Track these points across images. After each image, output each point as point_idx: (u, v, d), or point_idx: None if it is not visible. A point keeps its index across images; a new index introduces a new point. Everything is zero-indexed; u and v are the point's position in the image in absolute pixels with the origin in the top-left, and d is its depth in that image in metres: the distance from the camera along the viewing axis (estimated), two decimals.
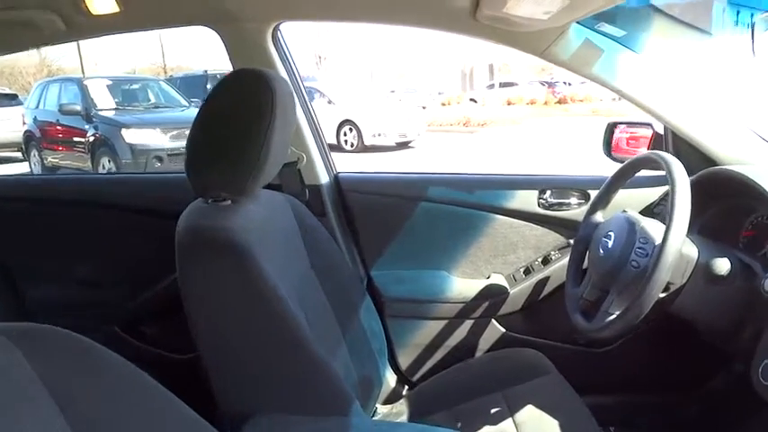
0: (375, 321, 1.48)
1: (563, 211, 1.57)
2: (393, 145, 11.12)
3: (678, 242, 1.00)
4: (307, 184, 1.60)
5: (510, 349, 1.55)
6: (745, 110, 1.40)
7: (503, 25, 1.24)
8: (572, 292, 1.30)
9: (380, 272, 1.65)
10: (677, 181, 1.04)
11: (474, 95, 22.28)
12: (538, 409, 1.24)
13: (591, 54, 1.33)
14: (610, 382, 1.60)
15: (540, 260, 1.61)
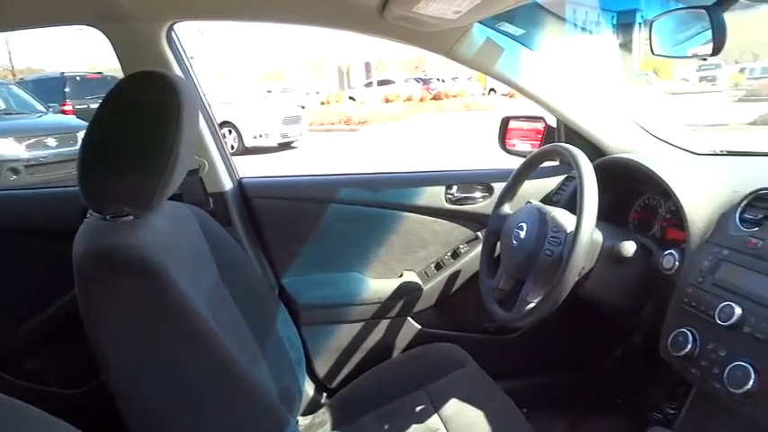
0: (291, 330, 1.43)
1: (469, 205, 1.62)
2: (275, 146, 10.92)
3: (590, 229, 1.06)
4: (210, 192, 1.50)
5: (427, 345, 1.56)
6: (627, 103, 1.52)
7: (410, 25, 1.24)
8: (487, 284, 1.33)
9: (293, 279, 1.59)
10: (584, 171, 1.10)
11: (353, 94, 22.48)
12: (460, 401, 1.26)
13: (493, 52, 1.38)
14: (522, 365, 1.68)
15: (450, 254, 1.65)
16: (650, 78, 25.50)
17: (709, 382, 0.94)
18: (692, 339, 0.99)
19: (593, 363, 1.64)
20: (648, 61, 29.97)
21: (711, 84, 20.83)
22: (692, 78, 22.78)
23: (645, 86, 23.82)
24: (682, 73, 26.45)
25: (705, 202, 1.12)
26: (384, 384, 1.42)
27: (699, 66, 23.90)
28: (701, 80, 21.69)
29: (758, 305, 0.91)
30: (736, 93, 17.27)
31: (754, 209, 1.03)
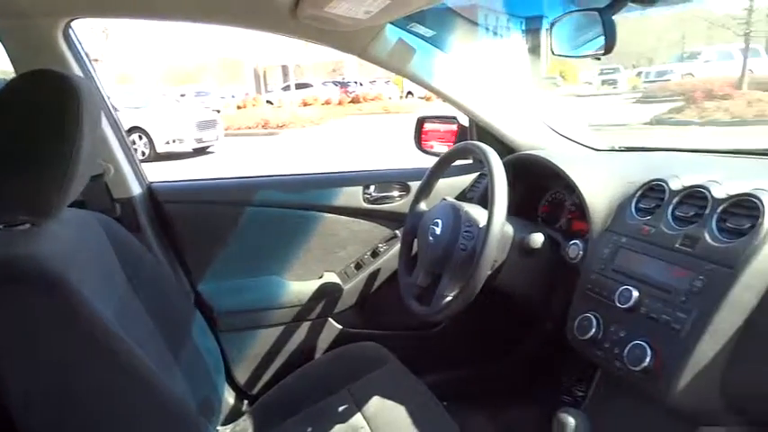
0: (208, 338, 1.38)
1: (387, 204, 1.63)
2: (190, 151, 10.56)
3: (500, 222, 1.10)
4: (116, 197, 1.43)
5: (349, 345, 1.56)
6: (535, 103, 1.59)
7: (323, 24, 1.23)
8: (406, 281, 1.35)
9: (209, 285, 1.55)
10: (494, 167, 1.14)
11: (270, 97, 22.16)
12: (383, 398, 1.27)
13: (405, 53, 1.40)
14: (442, 360, 1.71)
15: (369, 254, 1.66)
16: (557, 81, 26.87)
17: (611, 362, 1.00)
18: (596, 323, 1.05)
19: (511, 353, 1.70)
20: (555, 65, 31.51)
21: (612, 87, 22.18)
22: (595, 81, 24.18)
23: (552, 89, 25.06)
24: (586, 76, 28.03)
25: (605, 195, 1.19)
26: (306, 387, 1.41)
27: (601, 70, 25.39)
28: (603, 83, 23.05)
29: (652, 287, 0.98)
30: (634, 95, 18.47)
31: (647, 199, 1.11)
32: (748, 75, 14.25)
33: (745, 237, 0.88)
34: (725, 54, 17.81)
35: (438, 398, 1.31)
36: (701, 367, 0.88)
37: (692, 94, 13.12)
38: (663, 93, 15.42)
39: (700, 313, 0.89)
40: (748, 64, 14.65)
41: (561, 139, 1.60)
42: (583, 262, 1.16)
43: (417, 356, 1.51)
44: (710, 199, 0.97)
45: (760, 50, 17.63)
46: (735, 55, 16.17)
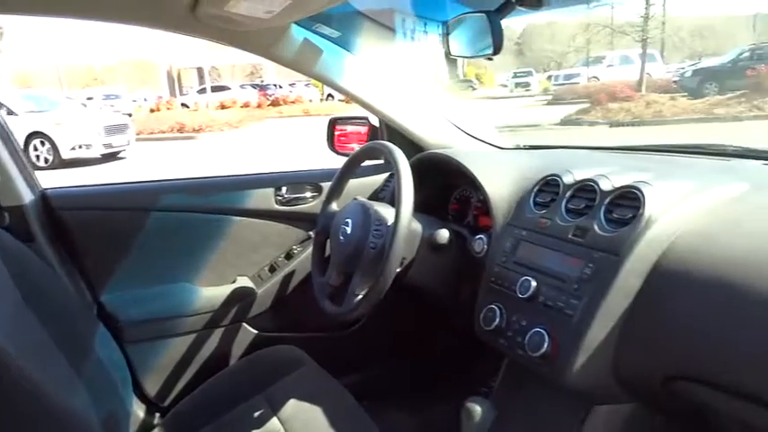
0: (113, 350, 1.32)
1: (300, 206, 1.63)
2: (98, 157, 10.05)
3: (407, 219, 1.12)
4: (5, 206, 1.34)
5: (265, 349, 1.54)
6: (448, 105, 1.63)
7: (224, 24, 1.21)
8: (318, 281, 1.35)
9: (113, 295, 1.48)
10: (400, 166, 1.16)
11: (185, 100, 21.47)
12: (299, 401, 1.27)
13: (311, 53, 1.40)
14: (360, 359, 1.72)
15: (283, 256, 1.64)
16: (474, 84, 27.74)
17: (514, 350, 1.05)
18: (500, 314, 1.09)
19: (426, 349, 1.73)
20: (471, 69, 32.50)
21: (525, 89, 23.20)
22: (509, 84, 25.18)
23: (469, 92, 25.83)
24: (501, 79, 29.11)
25: (506, 190, 1.24)
26: (221, 394, 1.38)
27: (514, 73, 26.51)
28: (517, 86, 24.07)
29: (548, 277, 1.03)
30: (545, 97, 19.38)
31: (544, 193, 1.17)
32: (646, 78, 15.31)
33: (629, 226, 0.95)
34: (626, 59, 19.07)
35: (357, 398, 1.32)
36: (593, 350, 0.94)
37: (597, 97, 13.94)
38: (571, 95, 16.26)
39: (590, 299, 0.94)
40: (646, 68, 15.74)
41: (468, 139, 1.66)
42: (487, 256, 1.21)
43: (334, 357, 1.51)
44: (599, 192, 1.04)
45: (656, 56, 19.01)
46: (634, 59, 17.33)
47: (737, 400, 0.80)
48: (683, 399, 0.89)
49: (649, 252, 0.92)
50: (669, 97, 13.68)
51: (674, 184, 1.00)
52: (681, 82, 15.06)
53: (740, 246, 0.85)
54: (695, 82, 14.27)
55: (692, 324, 0.85)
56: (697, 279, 0.86)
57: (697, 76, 14.58)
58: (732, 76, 13.41)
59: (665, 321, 0.88)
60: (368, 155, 1.35)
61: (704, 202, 0.96)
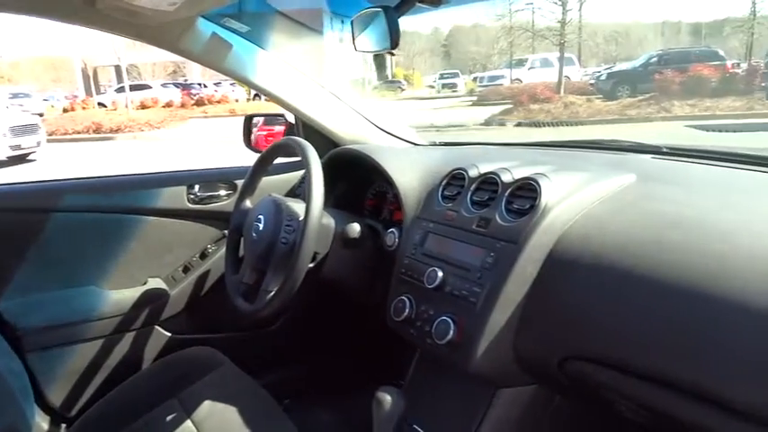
0: (11, 359, 1.25)
1: (214, 204, 1.59)
2: (5, 159, 9.44)
3: (317, 214, 1.12)
4: None
5: (180, 352, 1.50)
6: (354, 97, 1.65)
7: (127, 16, 1.17)
8: (232, 279, 1.33)
9: (12, 302, 1.39)
10: (310, 160, 1.16)
11: (103, 99, 20.51)
12: (214, 402, 1.24)
13: (220, 48, 1.37)
14: (281, 359, 1.71)
15: (198, 256, 1.60)
16: (403, 85, 28.09)
17: (423, 339, 1.07)
18: (409, 304, 1.12)
19: (346, 345, 1.74)
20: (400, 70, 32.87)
21: (452, 90, 23.72)
22: (436, 85, 25.67)
23: (398, 92, 26.12)
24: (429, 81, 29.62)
25: (416, 185, 1.27)
26: (132, 400, 1.33)
27: (441, 74, 27.04)
28: (444, 87, 24.58)
29: (454, 267, 1.07)
30: (471, 98, 19.89)
31: (451, 186, 1.20)
32: (565, 80, 16.02)
33: (527, 216, 0.99)
34: (546, 62, 19.90)
35: (278, 397, 1.31)
36: (495, 335, 0.98)
37: (520, 98, 14.47)
38: (495, 96, 16.77)
39: (491, 286, 0.98)
40: (565, 71, 16.47)
41: (384, 135, 1.68)
42: (398, 249, 1.23)
43: (253, 357, 1.50)
44: (500, 184, 1.08)
45: (574, 59, 19.94)
46: (554, 63, 18.09)
47: (626, 377, 0.86)
48: (578, 378, 0.94)
49: (545, 240, 0.97)
50: (586, 99, 14.41)
51: (569, 175, 1.05)
52: (597, 84, 15.89)
53: (624, 232, 0.91)
54: (609, 85, 15.10)
55: (582, 306, 0.91)
56: (587, 264, 0.91)
57: (611, 79, 15.43)
58: (642, 80, 14.28)
59: (559, 305, 0.93)
60: (279, 151, 1.34)
61: (595, 192, 1.02)
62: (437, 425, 1.12)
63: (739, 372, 0.72)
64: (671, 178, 1.08)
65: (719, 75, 13.50)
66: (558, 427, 1.12)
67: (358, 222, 1.29)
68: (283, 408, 1.55)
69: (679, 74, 13.44)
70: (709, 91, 12.75)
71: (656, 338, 0.81)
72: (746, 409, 0.71)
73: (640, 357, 0.83)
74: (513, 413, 1.06)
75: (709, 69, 13.53)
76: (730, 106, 11.92)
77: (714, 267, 0.78)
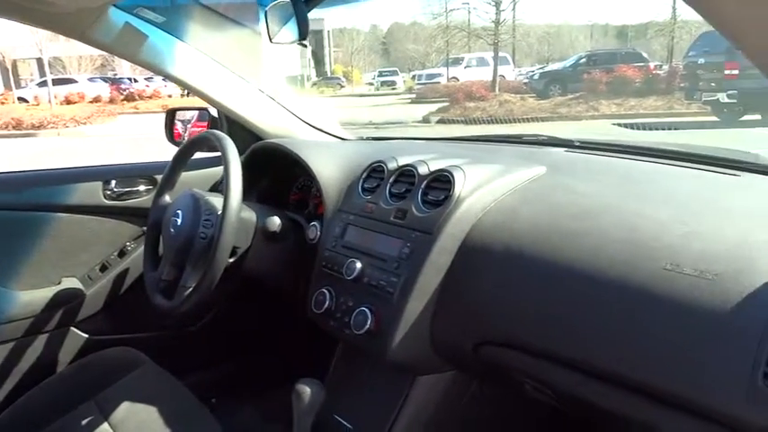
0: None
1: (133, 200, 1.54)
2: None
3: (235, 207, 1.11)
4: None
5: (98, 353, 1.45)
6: (283, 92, 1.63)
7: (32, 3, 1.11)
8: (151, 276, 1.30)
9: None
10: (228, 154, 1.15)
11: (24, 94, 19.41)
12: (133, 403, 1.21)
13: (134, 38, 1.33)
14: (205, 357, 1.68)
15: (116, 254, 1.55)
16: (342, 82, 28.04)
17: (343, 330, 1.08)
18: (330, 296, 1.13)
19: (274, 342, 1.73)
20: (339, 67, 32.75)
21: (391, 88, 23.88)
22: (375, 83, 25.77)
23: (337, 89, 26.05)
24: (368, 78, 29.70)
25: (338, 178, 1.28)
26: (45, 404, 1.27)
27: (380, 72, 27.17)
28: (383, 84, 24.70)
29: (372, 258, 1.08)
30: (410, 96, 20.06)
31: (371, 179, 1.22)
32: (500, 79, 16.43)
33: (441, 206, 1.02)
34: (482, 60, 20.34)
35: (204, 397, 1.28)
36: (411, 324, 1.00)
37: (456, 96, 14.71)
38: (433, 94, 16.98)
39: (407, 276, 1.00)
40: (500, 70, 16.88)
41: (311, 130, 1.68)
42: (320, 242, 1.23)
43: (177, 358, 1.46)
44: (417, 176, 1.10)
45: (509, 59, 20.47)
46: (489, 62, 18.51)
47: (534, 360, 0.90)
48: (492, 362, 0.98)
49: (458, 230, 0.99)
50: (520, 97, 14.83)
51: (483, 168, 1.09)
52: (530, 84, 16.39)
53: (532, 222, 0.95)
54: (542, 84, 15.61)
55: (493, 293, 0.94)
56: (497, 253, 0.95)
57: (543, 78, 15.95)
58: (572, 80, 14.83)
59: (471, 293, 0.97)
60: (199, 145, 1.32)
61: (507, 183, 1.06)
62: (359, 415, 1.13)
63: (634, 352, 0.76)
64: (578, 170, 1.14)
65: (643, 75, 14.20)
66: (476, 412, 1.16)
67: (279, 216, 1.28)
68: (210, 407, 1.52)
69: (606, 74, 14.05)
70: (633, 91, 13.39)
71: (560, 323, 0.85)
72: (642, 386, 0.76)
73: (546, 341, 0.87)
74: (432, 400, 1.09)
75: (634, 70, 14.22)
76: (653, 105, 12.57)
77: (613, 254, 0.82)
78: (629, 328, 0.77)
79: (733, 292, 0.69)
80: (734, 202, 0.89)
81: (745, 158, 1.11)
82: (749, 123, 8.91)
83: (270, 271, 1.32)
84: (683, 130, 8.82)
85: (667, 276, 0.75)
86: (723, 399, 0.66)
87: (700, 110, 10.84)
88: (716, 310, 0.69)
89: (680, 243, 0.78)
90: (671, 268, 0.75)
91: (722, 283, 0.70)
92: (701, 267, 0.73)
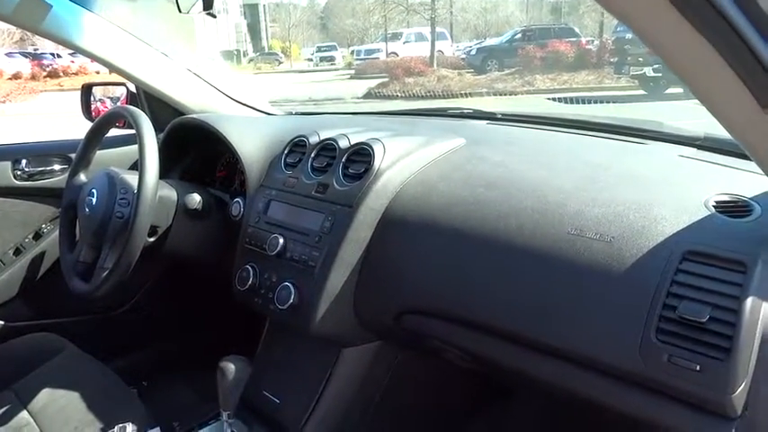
0: None
1: (47, 180, 1.48)
2: None
3: (151, 185, 1.08)
4: None
5: (15, 340, 1.39)
6: (202, 65, 1.58)
7: None
8: (67, 258, 1.25)
9: None
10: (142, 129, 1.11)
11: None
12: (54, 389, 1.18)
13: (37, 8, 1.25)
14: (135, 341, 1.64)
15: (31, 236, 1.48)
16: (280, 58, 27.43)
17: (267, 306, 1.08)
18: (253, 273, 1.12)
19: (202, 322, 1.71)
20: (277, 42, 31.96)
21: (330, 63, 23.58)
22: (314, 58, 25.37)
23: (275, 65, 25.49)
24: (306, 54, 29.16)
25: (260, 153, 1.26)
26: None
27: (318, 47, 26.73)
28: (322, 60, 24.35)
29: (295, 233, 1.08)
30: (349, 71, 19.88)
31: (293, 154, 1.21)
32: (438, 55, 16.49)
33: (361, 180, 1.03)
34: (420, 36, 20.32)
35: (135, 381, 1.26)
36: (334, 297, 1.01)
37: (395, 71, 14.67)
38: (372, 70, 16.89)
39: (329, 250, 1.01)
40: (438, 46, 16.93)
41: (236, 105, 1.64)
42: (243, 218, 1.22)
43: (102, 343, 1.43)
44: (338, 149, 1.10)
45: (446, 34, 20.55)
46: (428, 37, 18.52)
47: (452, 327, 0.93)
48: (413, 331, 1.00)
49: (377, 202, 1.01)
50: (458, 73, 14.94)
51: (403, 140, 1.10)
52: (467, 59, 16.53)
53: (450, 193, 0.97)
54: (479, 59, 15.78)
55: (412, 264, 0.96)
56: (415, 224, 0.97)
57: (481, 54, 16.13)
58: (508, 55, 15.08)
59: (391, 264, 0.98)
60: (112, 120, 1.27)
61: (426, 155, 1.07)
62: (286, 390, 1.14)
63: (538, 314, 0.80)
64: (496, 141, 1.17)
65: (575, 51, 14.59)
66: (401, 383, 1.18)
67: (200, 193, 1.26)
68: (140, 391, 1.50)
69: (540, 49, 14.36)
70: (566, 65, 13.76)
71: (472, 289, 0.88)
72: (547, 347, 0.80)
73: (460, 307, 0.90)
74: (357, 372, 1.11)
75: (566, 45, 14.59)
76: (585, 80, 12.97)
77: (523, 221, 0.86)
78: (535, 290, 0.81)
79: (628, 253, 0.73)
80: (636, 168, 0.94)
81: (652, 127, 1.17)
82: (673, 96, 9.33)
83: (193, 249, 1.30)
84: (613, 104, 9.15)
85: (570, 240, 0.79)
86: (618, 354, 0.71)
87: (628, 83, 11.26)
88: (612, 271, 0.73)
89: (582, 209, 0.82)
90: (574, 233, 0.79)
91: (618, 245, 0.74)
92: (601, 231, 0.77)
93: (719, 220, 0.74)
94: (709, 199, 0.77)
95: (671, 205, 0.77)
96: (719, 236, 0.71)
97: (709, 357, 0.64)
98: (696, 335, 0.65)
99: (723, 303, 0.64)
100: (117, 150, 1.53)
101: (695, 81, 0.50)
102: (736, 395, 0.62)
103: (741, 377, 0.62)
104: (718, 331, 0.64)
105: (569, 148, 1.13)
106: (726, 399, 0.63)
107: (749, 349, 0.62)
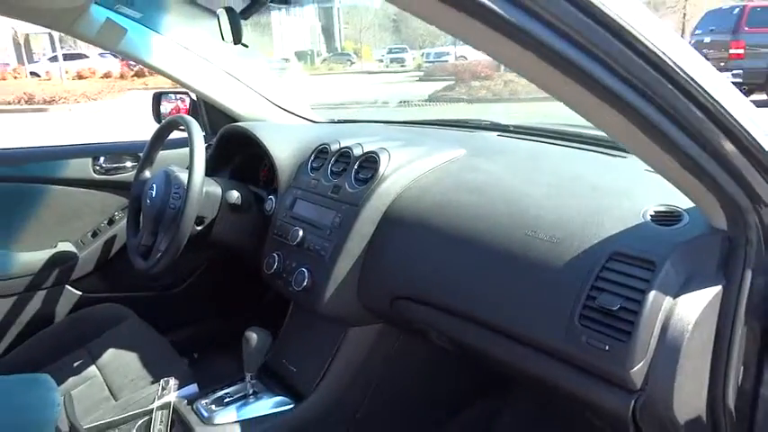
0: None
1: (120, 175, 1.74)
2: None
3: (198, 182, 1.30)
4: None
5: (90, 308, 1.66)
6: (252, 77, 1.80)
7: (18, 1, 1.29)
8: (132, 241, 1.50)
9: None
10: (192, 134, 1.34)
11: (36, 69, 19.65)
12: (119, 350, 1.42)
13: (115, 32, 1.51)
14: (190, 316, 1.88)
15: (106, 222, 1.75)
16: (352, 58, 27.93)
17: (287, 288, 1.28)
18: (278, 260, 1.32)
19: (247, 305, 1.93)
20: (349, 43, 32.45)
21: (400, 65, 23.80)
22: (385, 60, 25.68)
23: (347, 66, 25.97)
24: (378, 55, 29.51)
25: (292, 157, 1.46)
26: (43, 350, 1.49)
27: (389, 49, 27.02)
28: (392, 62, 24.64)
29: (312, 227, 1.27)
30: (418, 73, 20.03)
31: (318, 159, 1.40)
32: None
33: (368, 183, 1.21)
34: None
35: (185, 350, 1.48)
36: (340, 282, 1.19)
37: (462, 75, 14.70)
38: (440, 73, 16.96)
39: (337, 241, 1.19)
40: None
41: (283, 113, 1.85)
42: (274, 213, 1.42)
43: (161, 316, 1.66)
44: (352, 156, 1.29)
45: None
46: None
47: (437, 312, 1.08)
48: (404, 314, 1.17)
49: (380, 203, 1.18)
50: None
51: (408, 150, 1.27)
52: None
53: (442, 196, 1.13)
54: None
55: (405, 257, 1.13)
56: (411, 223, 1.13)
57: None
58: None
59: (388, 256, 1.16)
60: (171, 127, 1.50)
61: (426, 164, 1.24)
62: (301, 360, 1.34)
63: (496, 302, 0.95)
64: (492, 152, 1.31)
65: None
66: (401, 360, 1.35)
67: (239, 190, 1.47)
68: (191, 360, 1.74)
69: None
70: None
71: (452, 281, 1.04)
72: (503, 330, 0.95)
73: (442, 296, 1.06)
74: (361, 349, 1.29)
75: None
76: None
77: (493, 223, 1.01)
78: (493, 282, 0.96)
79: (566, 253, 0.87)
80: (602, 180, 1.05)
81: None
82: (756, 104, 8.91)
83: (234, 239, 1.51)
84: None
85: (525, 241, 0.93)
86: (550, 335, 0.85)
87: None
88: (552, 267, 0.87)
89: (541, 214, 0.96)
90: (531, 234, 0.94)
91: (561, 246, 0.88)
92: (551, 233, 0.91)
93: (650, 227, 0.86)
94: (648, 209, 0.89)
95: (613, 214, 0.90)
96: (643, 240, 0.83)
97: (615, 339, 0.77)
98: (608, 321, 0.78)
99: (631, 296, 0.77)
100: (178, 151, 1.77)
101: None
102: (634, 371, 0.76)
103: (639, 356, 0.75)
104: (624, 318, 0.77)
105: (554, 160, 1.25)
106: (626, 374, 0.76)
107: (648, 334, 0.75)
